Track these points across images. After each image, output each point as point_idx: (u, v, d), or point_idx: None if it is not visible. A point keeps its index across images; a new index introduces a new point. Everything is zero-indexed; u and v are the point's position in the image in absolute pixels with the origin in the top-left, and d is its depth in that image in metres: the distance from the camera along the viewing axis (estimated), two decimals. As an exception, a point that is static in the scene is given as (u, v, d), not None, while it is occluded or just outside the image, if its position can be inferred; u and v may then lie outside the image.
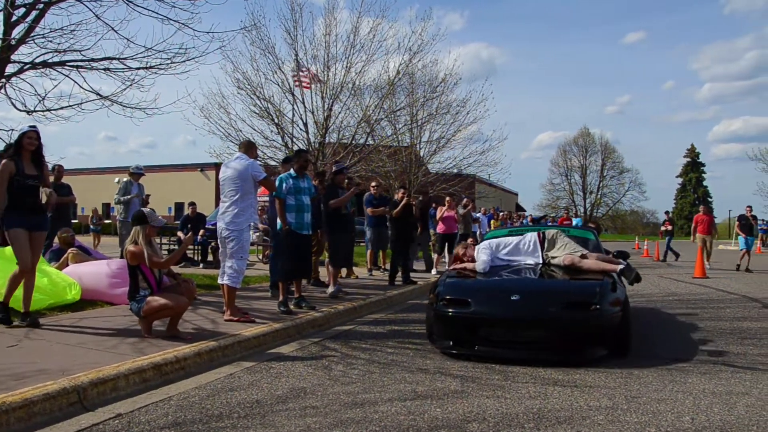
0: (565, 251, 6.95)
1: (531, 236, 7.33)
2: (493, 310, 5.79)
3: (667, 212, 28.78)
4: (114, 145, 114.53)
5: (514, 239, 7.37)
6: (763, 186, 48.85)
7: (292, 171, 8.02)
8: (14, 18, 8.77)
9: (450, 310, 5.88)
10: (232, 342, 5.80)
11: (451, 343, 5.86)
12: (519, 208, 59.27)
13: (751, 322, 8.08)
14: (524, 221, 29.30)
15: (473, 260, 7.06)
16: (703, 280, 14.80)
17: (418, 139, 25.86)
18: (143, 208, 6.57)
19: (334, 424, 3.80)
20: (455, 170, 27.57)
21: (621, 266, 6.59)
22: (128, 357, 4.93)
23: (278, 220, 7.92)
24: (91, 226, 28.20)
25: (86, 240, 18.18)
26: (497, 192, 47.30)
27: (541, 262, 7.08)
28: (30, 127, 6.26)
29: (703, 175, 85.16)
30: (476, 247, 7.35)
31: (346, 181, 10.49)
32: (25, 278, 6.21)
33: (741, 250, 18.50)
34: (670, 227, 25.50)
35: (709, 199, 78.90)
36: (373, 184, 13.18)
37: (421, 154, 26.53)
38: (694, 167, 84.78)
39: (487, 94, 25.49)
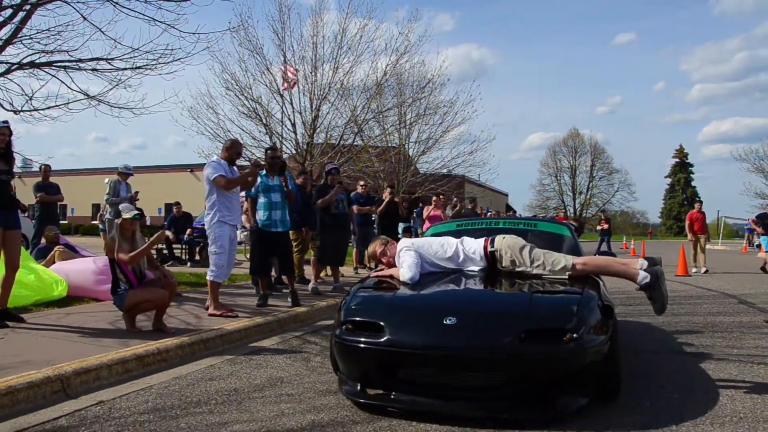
0: (532, 267, 4.85)
1: (474, 244, 5.11)
2: (416, 339, 3.87)
3: (603, 211, 28.15)
4: (104, 146, 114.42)
5: (451, 242, 5.17)
6: (749, 186, 49.29)
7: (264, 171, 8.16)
8: (1, 19, 8.90)
9: (355, 338, 3.99)
10: (214, 335, 5.95)
11: (359, 387, 4.03)
12: (509, 209, 59.53)
13: (726, 317, 8.28)
14: (487, 212, 24.88)
15: (394, 264, 5.18)
16: (684, 278, 15.03)
17: (407, 140, 26.08)
18: (123, 204, 6.65)
19: (308, 410, 3.97)
20: (444, 170, 27.83)
21: (643, 281, 4.59)
22: (112, 349, 5.07)
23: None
24: (101, 226, 28.14)
25: (94, 241, 18.23)
26: (486, 192, 47.54)
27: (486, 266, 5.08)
28: (2, 122, 6.21)
29: (691, 175, 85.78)
30: (400, 245, 5.20)
31: (338, 182, 10.64)
32: (5, 276, 6.19)
33: (765, 251, 16.89)
34: (606, 226, 25.27)
35: (697, 199, 79.53)
36: (361, 183, 13.35)
37: (410, 154, 26.76)
38: (682, 168, 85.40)
39: (476, 95, 25.80)
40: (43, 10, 9.64)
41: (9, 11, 9.02)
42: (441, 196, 15.16)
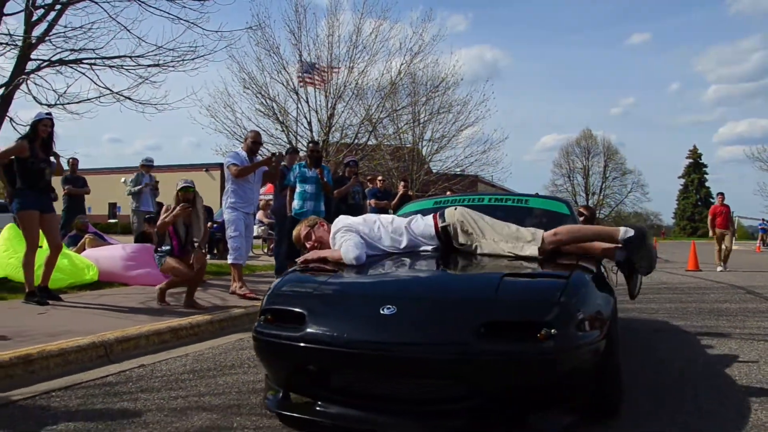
0: (490, 240, 3.89)
1: (422, 222, 4.07)
2: (342, 333, 2.96)
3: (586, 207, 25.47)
4: (119, 147, 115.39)
5: (398, 221, 4.13)
6: (763, 186, 49.05)
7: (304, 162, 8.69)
8: (35, 17, 9.31)
9: (275, 332, 3.12)
10: (241, 313, 6.33)
11: (281, 395, 3.15)
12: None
13: (731, 304, 8.53)
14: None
15: (324, 246, 4.14)
16: (695, 272, 15.22)
17: (420, 138, 26.40)
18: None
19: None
20: (458, 170, 28.12)
21: (626, 235, 3.77)
22: (147, 323, 5.44)
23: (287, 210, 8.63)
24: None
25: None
26: (499, 192, 47.66)
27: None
28: (45, 114, 6.60)
29: (705, 176, 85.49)
30: (335, 226, 4.11)
31: (354, 174, 11.02)
32: (49, 256, 6.61)
33: None
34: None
35: (711, 200, 79.33)
36: (380, 178, 13.73)
37: (423, 152, 27.07)
38: (696, 168, 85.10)
39: (488, 95, 26.04)
40: (73, 8, 10.08)
41: (42, 11, 9.47)
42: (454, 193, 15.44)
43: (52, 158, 6.55)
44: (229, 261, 7.64)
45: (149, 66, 10.40)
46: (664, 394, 3.75)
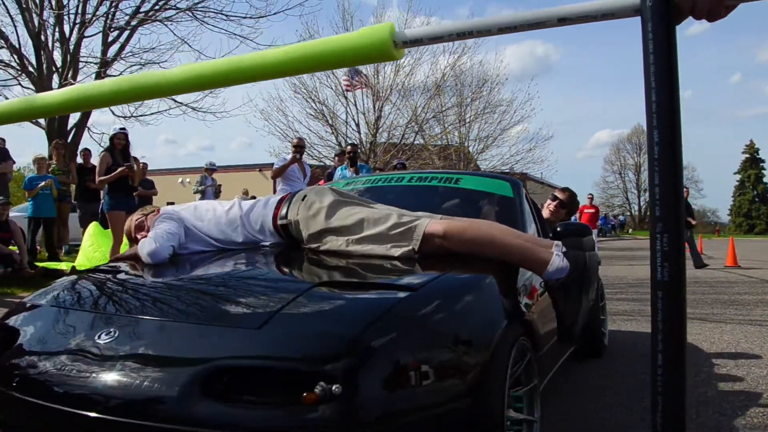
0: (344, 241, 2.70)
1: (260, 212, 2.96)
2: (40, 367, 1.81)
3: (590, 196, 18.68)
4: (173, 148, 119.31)
5: (234, 210, 3.01)
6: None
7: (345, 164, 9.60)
8: (110, 38, 10.47)
9: None
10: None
11: None
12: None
13: (750, 296, 8.99)
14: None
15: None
16: (733, 268, 15.47)
17: (466, 138, 27.01)
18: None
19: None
20: (505, 168, 28.58)
21: (556, 273, 2.50)
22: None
23: None
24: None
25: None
26: (547, 190, 47.75)
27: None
28: (120, 129, 7.84)
29: (763, 171, 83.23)
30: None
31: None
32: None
33: None
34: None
35: (768, 197, 77.43)
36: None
37: (470, 151, 27.64)
38: (753, 163, 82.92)
39: (533, 94, 26.51)
40: (140, 28, 11.25)
41: (116, 32, 10.64)
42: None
43: (133, 164, 7.67)
44: None
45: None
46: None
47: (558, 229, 3.22)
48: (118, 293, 2.35)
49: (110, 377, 1.67)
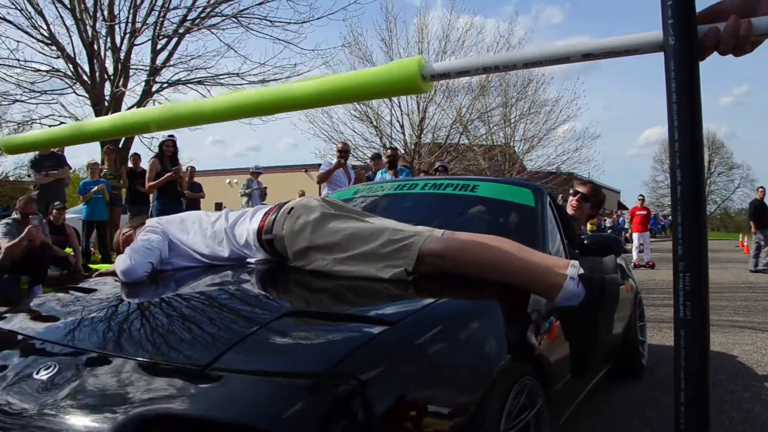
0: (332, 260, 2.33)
1: (246, 226, 2.60)
2: None
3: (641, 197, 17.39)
4: (221, 149, 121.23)
5: (219, 223, 2.71)
6: None
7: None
8: (158, 46, 10.75)
9: None
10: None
11: None
12: (621, 207, 58.30)
13: (761, 303, 8.47)
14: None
15: None
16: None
17: (511, 138, 26.75)
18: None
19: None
20: (551, 168, 28.19)
21: (569, 300, 2.16)
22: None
23: None
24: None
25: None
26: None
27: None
28: (169, 136, 8.09)
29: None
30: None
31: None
32: None
33: None
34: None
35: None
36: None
37: (516, 151, 27.38)
38: (813, 161, 80.00)
39: (579, 93, 26.10)
40: (188, 36, 11.53)
41: (165, 40, 10.92)
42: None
43: (180, 168, 7.90)
44: None
45: (255, 83, 11.71)
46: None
47: (585, 241, 3.08)
48: (76, 318, 2.01)
49: (40, 420, 1.38)
